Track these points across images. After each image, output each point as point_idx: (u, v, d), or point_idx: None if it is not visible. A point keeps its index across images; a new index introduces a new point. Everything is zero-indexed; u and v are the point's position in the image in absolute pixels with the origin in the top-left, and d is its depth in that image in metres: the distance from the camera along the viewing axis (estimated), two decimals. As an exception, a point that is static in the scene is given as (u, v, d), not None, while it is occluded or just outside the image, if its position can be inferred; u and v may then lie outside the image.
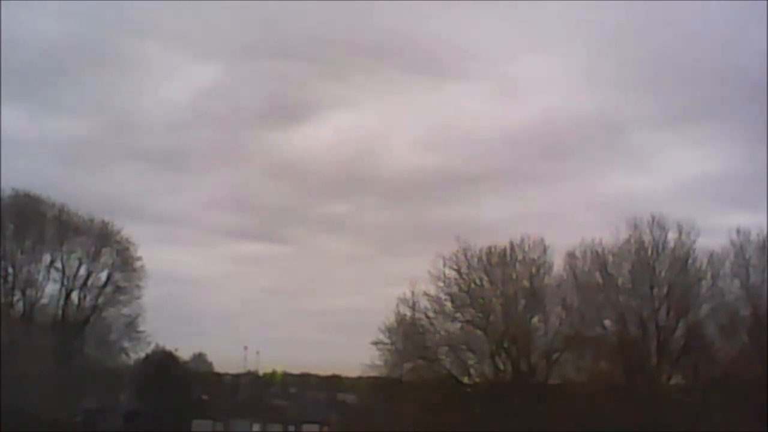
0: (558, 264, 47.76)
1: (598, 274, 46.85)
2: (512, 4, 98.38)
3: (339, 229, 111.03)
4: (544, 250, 47.56)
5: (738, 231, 45.16)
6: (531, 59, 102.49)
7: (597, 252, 46.96)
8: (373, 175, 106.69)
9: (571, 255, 47.35)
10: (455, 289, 47.56)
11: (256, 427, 77.96)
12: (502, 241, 48.21)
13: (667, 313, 45.35)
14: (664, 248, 45.80)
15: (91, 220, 58.88)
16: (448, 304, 47.83)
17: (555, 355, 46.69)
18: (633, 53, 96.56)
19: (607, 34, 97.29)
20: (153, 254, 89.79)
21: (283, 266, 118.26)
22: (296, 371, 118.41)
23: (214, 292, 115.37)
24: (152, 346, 65.99)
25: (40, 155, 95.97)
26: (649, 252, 45.88)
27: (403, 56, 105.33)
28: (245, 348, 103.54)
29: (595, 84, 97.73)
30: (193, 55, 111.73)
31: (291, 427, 78.56)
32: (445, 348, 48.31)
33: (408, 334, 48.19)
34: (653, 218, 46.06)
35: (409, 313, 48.11)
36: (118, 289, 58.95)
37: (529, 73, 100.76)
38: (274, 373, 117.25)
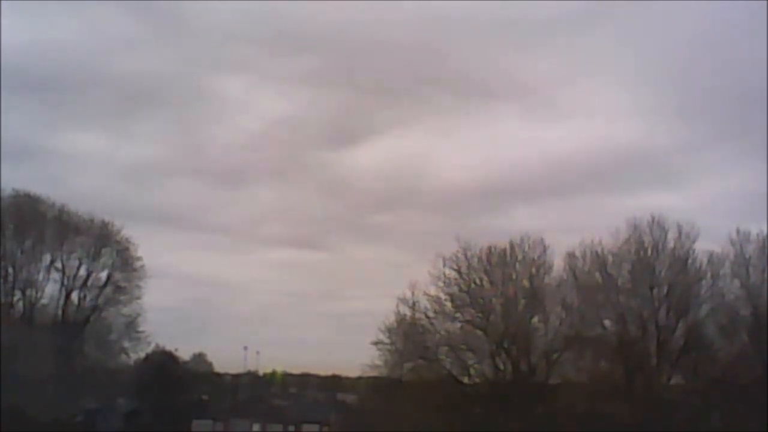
0: (558, 264, 47.82)
1: (598, 274, 46.81)
2: (557, 35, 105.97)
3: (379, 238, 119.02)
4: (544, 250, 47.60)
5: (738, 231, 45.20)
6: (574, 87, 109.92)
7: (597, 252, 46.97)
8: (416, 190, 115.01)
9: (571, 255, 47.39)
10: (455, 289, 47.56)
11: (256, 427, 77.89)
12: (502, 241, 48.35)
13: (667, 313, 45.30)
14: (664, 248, 45.74)
15: (91, 220, 58.88)
16: (448, 304, 47.85)
17: (555, 355, 46.66)
18: (670, 81, 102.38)
19: (646, 63, 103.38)
20: (198, 260, 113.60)
21: (317, 271, 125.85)
22: (296, 371, 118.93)
23: (244, 294, 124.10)
24: (152, 346, 66.11)
25: (110, 175, 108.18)
26: (649, 252, 45.83)
27: (454, 83, 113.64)
28: (245, 348, 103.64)
29: (634, 110, 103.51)
30: (271, 90, 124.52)
31: (291, 427, 78.46)
32: (445, 348, 48.29)
33: (408, 334, 48.15)
34: (653, 218, 46.06)
35: (409, 313, 48.14)
36: (118, 289, 58.93)
37: (571, 99, 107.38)
38: (274, 373, 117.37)
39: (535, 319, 47.50)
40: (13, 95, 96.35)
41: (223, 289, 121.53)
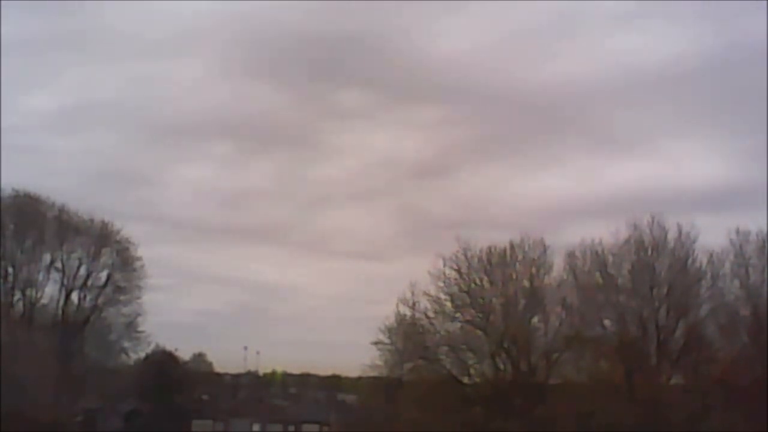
0: (558, 264, 47.78)
1: (598, 274, 46.78)
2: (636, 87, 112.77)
3: (437, 252, 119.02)
4: (544, 250, 47.60)
5: (738, 231, 45.13)
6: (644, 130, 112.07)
7: (597, 252, 46.91)
8: (481, 212, 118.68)
9: (571, 255, 47.34)
10: (455, 289, 47.56)
11: (256, 427, 77.96)
12: (502, 241, 48.34)
13: (667, 313, 45.26)
14: (664, 248, 45.73)
15: (91, 220, 58.89)
16: (448, 304, 47.86)
17: (555, 355, 46.65)
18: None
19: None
20: (264, 270, 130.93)
21: (370, 280, 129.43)
22: (296, 371, 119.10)
23: (291, 299, 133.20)
24: (152, 346, 66.15)
25: (212, 201, 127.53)
26: (649, 252, 45.80)
27: (539, 127, 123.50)
28: (245, 348, 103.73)
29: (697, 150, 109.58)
30: (378, 134, 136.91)
31: (291, 427, 78.53)
32: (445, 348, 48.30)
33: (408, 334, 48.18)
34: (653, 218, 46.00)
35: (409, 313, 48.17)
36: (118, 289, 58.96)
37: (639, 139, 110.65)
38: (274, 373, 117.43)
39: (535, 319, 47.52)
40: (135, 135, 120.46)
41: (274, 294, 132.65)
